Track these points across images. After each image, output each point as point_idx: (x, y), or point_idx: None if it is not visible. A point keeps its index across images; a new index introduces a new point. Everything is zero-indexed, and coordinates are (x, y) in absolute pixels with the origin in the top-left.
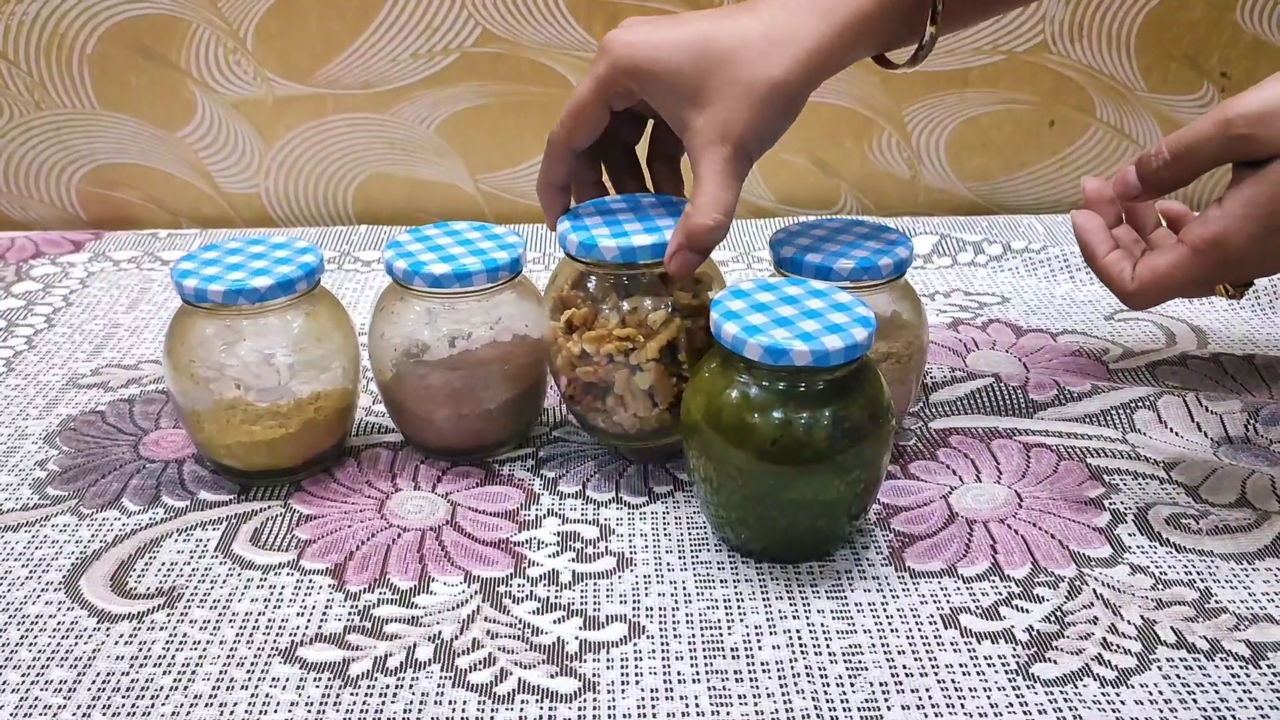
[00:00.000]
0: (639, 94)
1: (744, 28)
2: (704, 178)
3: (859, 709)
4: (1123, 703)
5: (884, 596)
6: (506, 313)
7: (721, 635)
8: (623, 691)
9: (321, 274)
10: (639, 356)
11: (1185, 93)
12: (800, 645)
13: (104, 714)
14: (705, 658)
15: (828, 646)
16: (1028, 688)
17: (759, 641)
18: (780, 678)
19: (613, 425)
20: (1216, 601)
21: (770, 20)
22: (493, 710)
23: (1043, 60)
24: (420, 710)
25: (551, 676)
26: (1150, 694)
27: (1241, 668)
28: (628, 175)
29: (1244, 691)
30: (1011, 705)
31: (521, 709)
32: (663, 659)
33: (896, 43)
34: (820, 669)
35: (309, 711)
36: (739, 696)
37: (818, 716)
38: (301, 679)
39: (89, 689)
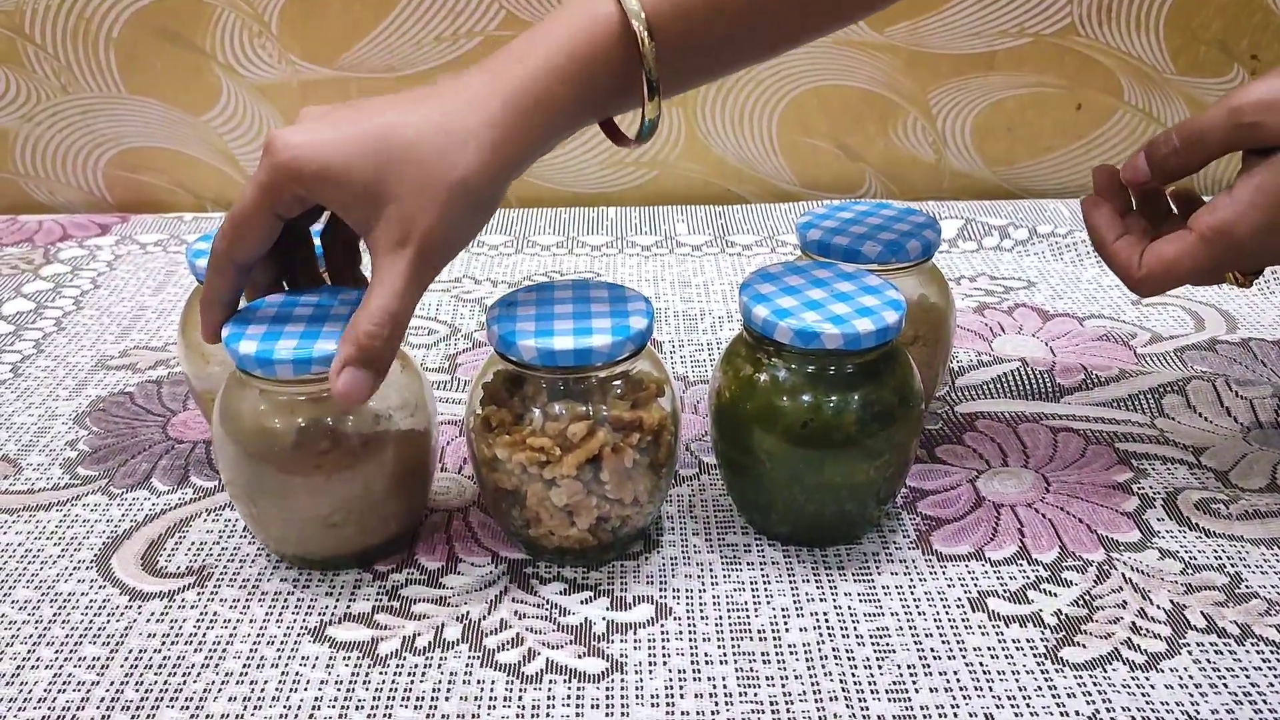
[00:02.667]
0: (310, 199)
1: (422, 119)
2: (376, 283)
3: (886, 691)
4: (1152, 687)
5: (911, 580)
6: None
7: (749, 617)
8: (650, 672)
9: None
10: (553, 470)
11: (1215, 76)
12: (828, 627)
13: (136, 690)
14: (732, 639)
15: (855, 629)
16: (1056, 671)
17: (786, 624)
18: (808, 659)
19: (527, 538)
20: (1247, 586)
21: (449, 109)
22: (521, 690)
23: (1070, 43)
24: (449, 689)
25: (579, 657)
26: (1180, 678)
27: (1273, 653)
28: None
29: (1275, 676)
30: (1040, 689)
31: (550, 689)
32: (690, 640)
33: (609, 113)
34: (848, 651)
35: (338, 690)
36: (766, 678)
37: (845, 698)
38: (331, 658)
39: (121, 666)
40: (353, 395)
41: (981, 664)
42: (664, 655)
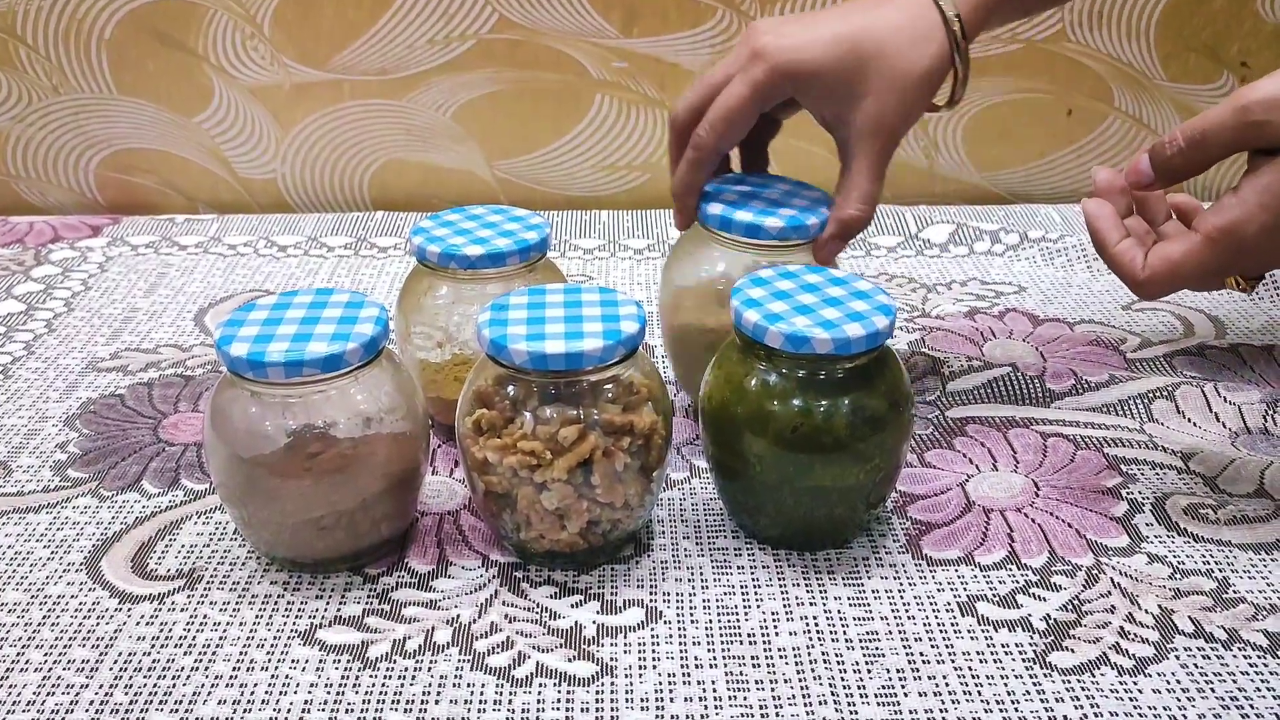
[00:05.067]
0: (792, 94)
1: (889, 21)
2: (857, 170)
3: (875, 695)
4: (1140, 692)
5: (901, 584)
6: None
7: (739, 621)
8: (640, 676)
9: None
10: (544, 474)
11: (1205, 83)
12: (817, 631)
13: (125, 693)
14: (722, 643)
15: (845, 633)
16: (1045, 676)
17: (776, 627)
18: (797, 663)
19: (518, 542)
20: (1234, 591)
21: (906, 9)
22: (510, 693)
23: (1061, 49)
24: (439, 692)
25: (569, 660)
26: (1168, 683)
27: (1260, 657)
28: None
29: (1261, 681)
30: (1029, 693)
31: (540, 692)
32: (680, 644)
33: (1032, 9)
34: (837, 655)
35: (328, 693)
36: (756, 681)
37: (834, 702)
38: (321, 660)
39: (110, 669)
40: (830, 261)
41: (970, 668)
42: (654, 659)
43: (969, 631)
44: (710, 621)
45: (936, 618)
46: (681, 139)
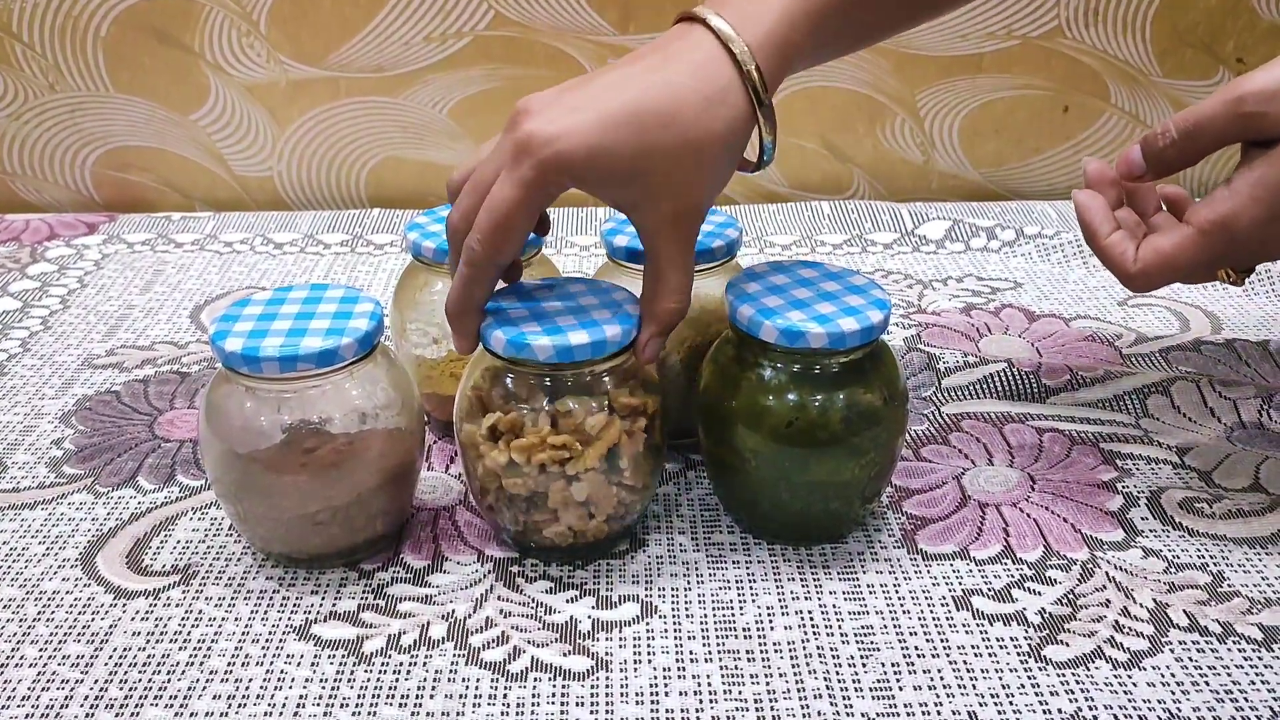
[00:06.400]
0: (573, 186)
1: (672, 85)
2: (666, 262)
3: (870, 689)
4: (1135, 685)
5: (896, 578)
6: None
7: (734, 615)
8: (635, 670)
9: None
10: (576, 466)
11: (1200, 78)
12: (812, 626)
13: (120, 688)
14: (718, 637)
15: (840, 627)
16: (1039, 669)
17: (771, 622)
18: (792, 658)
19: (541, 540)
20: (1229, 585)
21: (690, 70)
22: (506, 688)
23: (1057, 45)
24: (434, 687)
25: (564, 655)
26: (1163, 676)
27: (1254, 651)
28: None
29: (1256, 674)
30: (1023, 687)
31: (535, 686)
32: (675, 638)
33: (839, 51)
34: (832, 649)
35: (323, 688)
36: (751, 676)
37: (829, 696)
38: (316, 656)
39: (105, 664)
40: (654, 359)
41: (965, 662)
42: (649, 653)
43: (964, 625)
44: (705, 616)
45: (932, 612)
46: (459, 250)
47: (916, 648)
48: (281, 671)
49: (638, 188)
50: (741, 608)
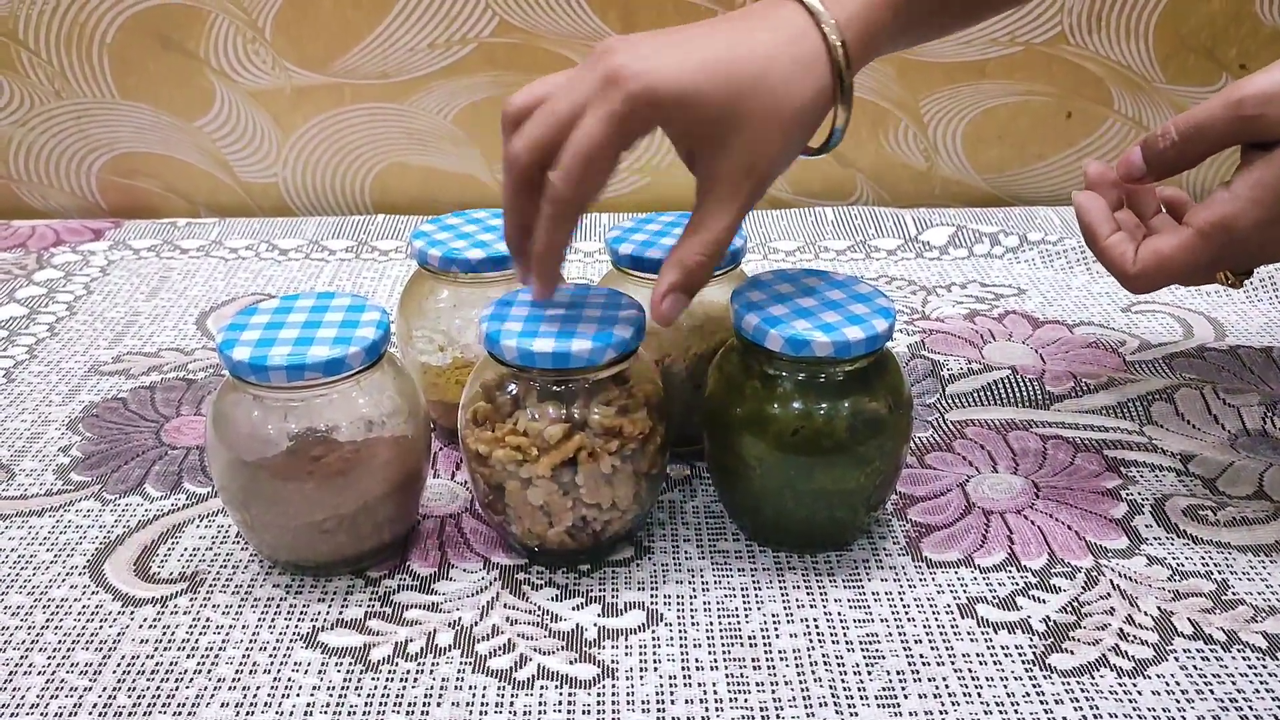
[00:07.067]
0: (658, 126)
1: (765, 45)
2: (719, 210)
3: (876, 697)
4: (1140, 693)
5: (901, 586)
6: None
7: (739, 623)
8: (641, 678)
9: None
10: (530, 470)
11: (1203, 85)
12: (818, 634)
13: (129, 696)
14: (723, 645)
15: (845, 635)
16: (1044, 678)
17: (776, 630)
18: (798, 665)
19: (509, 535)
20: (1234, 593)
21: (784, 35)
22: (512, 695)
23: (1060, 51)
24: (441, 695)
25: (570, 663)
26: (1167, 685)
27: (1259, 659)
28: None
29: (1260, 683)
30: (1028, 695)
31: (541, 694)
32: (681, 646)
33: (919, 37)
34: (837, 657)
35: (330, 695)
36: (756, 684)
37: (835, 704)
38: (323, 663)
39: (114, 672)
40: (672, 317)
41: (970, 670)
42: (655, 661)
43: (969, 633)
44: (711, 624)
45: (936, 620)
46: (524, 184)
47: (921, 655)
48: (289, 679)
49: (718, 137)
50: (747, 615)
